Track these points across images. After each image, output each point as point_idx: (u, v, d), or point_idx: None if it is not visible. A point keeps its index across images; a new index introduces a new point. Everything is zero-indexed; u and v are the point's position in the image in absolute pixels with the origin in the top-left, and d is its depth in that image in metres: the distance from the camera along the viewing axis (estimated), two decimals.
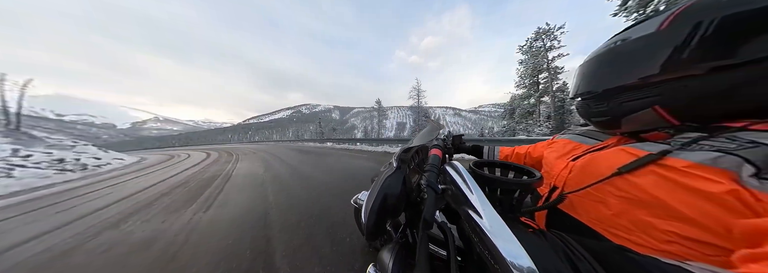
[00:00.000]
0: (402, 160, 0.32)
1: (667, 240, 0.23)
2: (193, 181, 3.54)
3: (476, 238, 0.18)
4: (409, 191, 0.31)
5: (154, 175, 4.54)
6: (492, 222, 0.17)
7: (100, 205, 2.40)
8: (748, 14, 0.19)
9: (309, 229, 1.48)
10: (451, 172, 0.25)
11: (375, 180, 0.31)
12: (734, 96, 0.22)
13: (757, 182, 0.18)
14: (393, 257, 0.26)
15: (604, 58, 0.31)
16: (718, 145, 0.21)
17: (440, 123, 0.70)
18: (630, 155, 0.27)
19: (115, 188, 3.30)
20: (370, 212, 0.25)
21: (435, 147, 0.44)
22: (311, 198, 2.17)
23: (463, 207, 0.20)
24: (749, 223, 0.17)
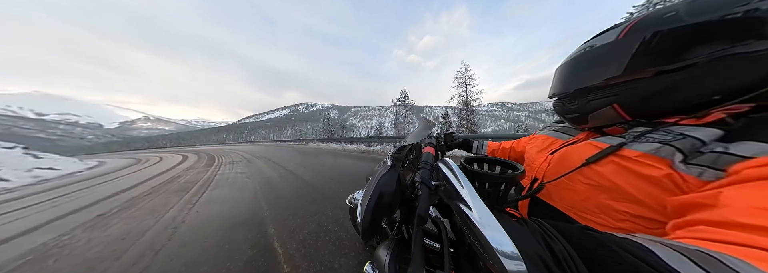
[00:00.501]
0: (396, 158, 0.33)
1: (621, 219, 0.28)
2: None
3: (467, 230, 0.19)
4: (404, 189, 0.32)
5: (56, 209, 2.55)
6: (481, 214, 0.18)
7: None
8: (680, 30, 0.25)
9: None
10: (443, 168, 0.25)
11: (370, 179, 0.31)
12: (670, 95, 0.27)
13: (684, 167, 0.23)
14: (389, 253, 0.27)
15: (575, 62, 0.35)
16: (659, 138, 0.26)
17: (432, 121, 0.70)
18: (595, 148, 0.32)
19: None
20: (366, 211, 0.25)
21: (428, 145, 0.46)
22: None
23: (455, 201, 0.21)
24: (677, 199, 0.22)
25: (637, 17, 0.29)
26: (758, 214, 0.15)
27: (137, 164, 7.66)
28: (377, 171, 0.31)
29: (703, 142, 0.23)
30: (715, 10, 0.23)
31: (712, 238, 0.16)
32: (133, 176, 4.83)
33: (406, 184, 0.33)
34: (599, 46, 0.32)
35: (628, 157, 0.27)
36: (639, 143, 0.27)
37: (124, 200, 2.71)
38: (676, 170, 0.24)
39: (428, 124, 0.62)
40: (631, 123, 0.32)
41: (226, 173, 4.37)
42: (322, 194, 2.30)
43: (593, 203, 0.31)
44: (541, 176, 0.40)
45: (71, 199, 3.04)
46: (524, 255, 0.15)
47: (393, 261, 0.26)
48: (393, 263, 0.26)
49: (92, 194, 3.26)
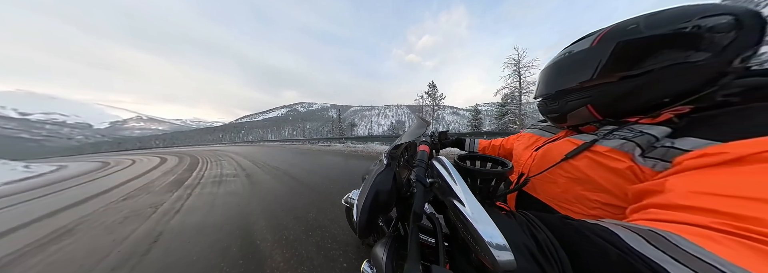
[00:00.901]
0: (392, 157, 0.34)
1: (593, 207, 0.32)
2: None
3: (460, 225, 0.20)
4: (400, 187, 0.32)
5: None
6: (473, 209, 0.19)
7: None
8: (639, 41, 0.29)
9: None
10: (437, 166, 0.26)
11: (366, 178, 0.31)
12: (632, 98, 0.32)
13: (642, 159, 0.28)
14: (386, 251, 0.27)
15: (556, 66, 0.39)
16: (623, 135, 0.30)
17: (427, 120, 0.70)
18: (572, 144, 0.36)
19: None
20: (362, 210, 0.26)
21: (423, 143, 0.47)
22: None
23: (449, 197, 0.22)
24: (635, 187, 0.25)
25: (608, 27, 0.33)
26: (693, 197, 0.19)
27: (98, 170, 6.44)
28: (373, 170, 0.31)
29: (656, 138, 0.27)
30: (667, 25, 0.27)
31: (660, 219, 0.19)
32: (65, 196, 3.38)
33: (402, 182, 0.34)
34: (576, 52, 0.36)
35: (599, 152, 0.32)
36: (608, 140, 0.31)
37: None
38: (635, 163, 0.28)
39: (423, 122, 0.63)
40: (601, 122, 0.36)
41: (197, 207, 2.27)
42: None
43: (571, 194, 0.35)
44: (527, 171, 0.44)
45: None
46: (512, 245, 0.16)
47: (390, 258, 0.26)
48: (390, 260, 0.26)
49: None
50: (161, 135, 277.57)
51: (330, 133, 43.52)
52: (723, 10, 0.25)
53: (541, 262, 0.17)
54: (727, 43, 0.25)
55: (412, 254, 0.22)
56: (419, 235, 0.26)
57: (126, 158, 11.67)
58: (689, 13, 0.26)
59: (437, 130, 0.80)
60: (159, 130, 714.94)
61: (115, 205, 2.52)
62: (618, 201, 0.29)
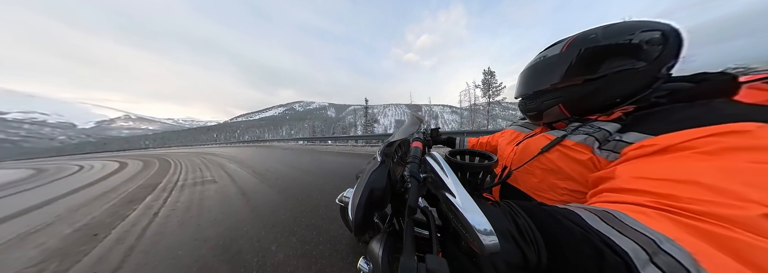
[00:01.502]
0: (386, 154, 0.35)
1: (563, 193, 0.37)
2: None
3: (452, 215, 0.22)
4: (394, 183, 0.33)
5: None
6: (464, 200, 0.21)
7: None
8: (597, 49, 0.34)
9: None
10: (430, 162, 0.27)
11: (360, 176, 0.32)
12: (593, 98, 0.36)
13: (599, 152, 0.32)
14: (382, 246, 0.28)
15: (533, 69, 0.43)
16: (586, 130, 0.35)
17: (420, 117, 0.72)
18: (547, 139, 0.40)
19: None
20: (358, 208, 0.26)
21: (416, 140, 0.50)
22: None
23: (441, 191, 0.23)
24: (594, 175, 0.30)
25: (574, 35, 0.38)
26: (633, 181, 0.23)
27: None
28: (367, 168, 0.32)
29: (610, 133, 0.32)
30: (618, 36, 0.32)
31: (611, 200, 0.23)
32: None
33: (396, 178, 0.35)
34: (549, 56, 0.40)
35: (567, 146, 0.36)
36: (574, 135, 0.36)
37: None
38: (595, 154, 0.33)
39: (416, 120, 0.65)
40: (570, 119, 0.40)
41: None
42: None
43: (546, 184, 0.39)
44: (510, 164, 0.48)
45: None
46: (497, 231, 0.18)
47: (386, 252, 0.27)
48: (386, 254, 0.27)
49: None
50: (151, 135, 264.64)
51: (316, 132, 38.63)
52: (655, 26, 0.32)
53: (521, 243, 0.20)
54: (658, 54, 0.32)
55: (407, 247, 0.23)
56: (414, 229, 0.27)
57: (87, 163, 9.58)
58: (634, 27, 0.32)
59: (429, 128, 0.82)
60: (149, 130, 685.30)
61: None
62: (582, 187, 0.34)
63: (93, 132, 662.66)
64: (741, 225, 0.16)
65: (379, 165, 0.31)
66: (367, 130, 25.44)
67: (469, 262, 0.27)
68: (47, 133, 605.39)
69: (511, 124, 0.66)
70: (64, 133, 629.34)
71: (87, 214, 2.27)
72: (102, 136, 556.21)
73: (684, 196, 0.19)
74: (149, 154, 13.20)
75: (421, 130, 0.71)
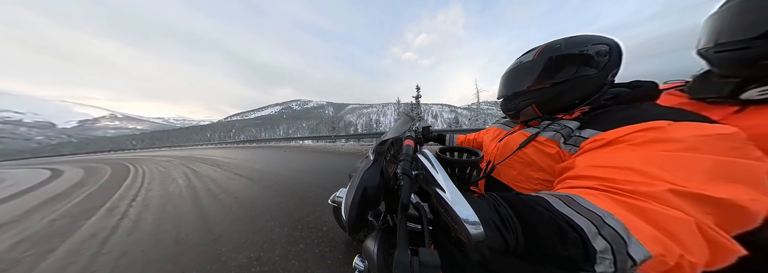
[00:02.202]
0: (378, 152, 0.35)
1: (536, 183, 0.43)
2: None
3: (442, 209, 0.23)
4: (387, 181, 0.34)
5: None
6: (453, 195, 0.22)
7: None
8: (561, 57, 0.41)
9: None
10: (422, 159, 0.28)
11: (353, 175, 0.33)
12: (559, 99, 0.43)
13: (564, 146, 0.38)
14: (377, 243, 0.28)
15: (512, 73, 0.50)
16: (554, 128, 0.41)
17: (412, 115, 0.74)
18: (524, 136, 0.46)
19: None
20: (351, 206, 0.27)
21: (408, 138, 0.53)
22: None
23: (432, 187, 0.25)
24: (559, 166, 0.35)
25: (543, 44, 0.45)
26: (588, 169, 0.29)
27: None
28: (360, 167, 0.33)
29: (572, 130, 0.39)
30: (577, 47, 0.40)
31: (571, 186, 0.28)
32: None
33: (389, 176, 0.36)
34: (525, 61, 0.47)
35: (540, 141, 0.42)
36: (545, 132, 0.43)
37: None
38: (561, 148, 0.39)
39: (408, 118, 0.67)
40: (541, 118, 0.47)
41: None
42: None
43: (523, 175, 0.46)
44: (493, 159, 0.54)
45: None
46: (482, 221, 0.21)
47: (381, 249, 0.28)
48: (381, 251, 0.28)
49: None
50: (139, 135, 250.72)
51: (312, 132, 34.52)
52: (603, 40, 0.39)
53: (502, 230, 0.22)
54: (605, 63, 0.39)
55: (401, 242, 0.24)
56: (407, 224, 0.28)
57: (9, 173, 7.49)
58: (588, 40, 0.40)
59: (421, 126, 0.85)
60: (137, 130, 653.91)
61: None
62: (551, 177, 0.40)
63: (75, 132, 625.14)
64: (654, 198, 0.21)
65: (372, 163, 0.32)
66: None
67: (458, 252, 0.30)
68: (23, 133, 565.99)
69: (494, 122, 0.73)
70: (42, 133, 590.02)
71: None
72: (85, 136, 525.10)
73: (620, 179, 0.25)
74: (120, 159, 10.26)
75: (413, 128, 0.75)
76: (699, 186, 0.21)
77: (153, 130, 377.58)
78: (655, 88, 0.38)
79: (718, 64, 0.40)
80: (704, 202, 0.21)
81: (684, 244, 0.19)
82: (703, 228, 0.20)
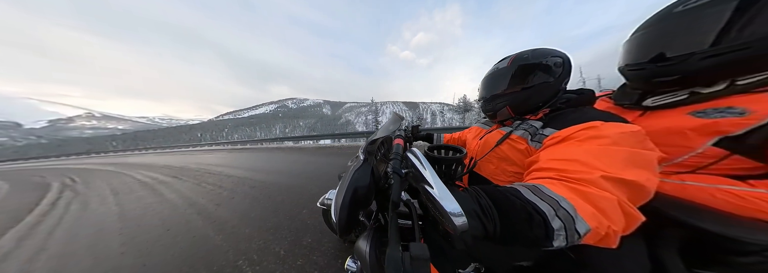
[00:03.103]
0: (369, 152, 0.37)
1: (510, 175, 0.51)
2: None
3: (430, 205, 0.26)
4: (378, 180, 0.35)
5: None
6: (440, 190, 0.25)
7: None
8: (527, 65, 0.48)
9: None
10: (411, 158, 0.30)
11: (343, 176, 0.34)
12: (527, 102, 0.51)
13: (531, 142, 0.45)
14: (369, 242, 0.30)
15: (490, 78, 0.57)
16: (524, 127, 0.49)
17: (401, 115, 0.79)
18: (500, 134, 0.54)
19: None
20: (341, 208, 0.27)
21: (398, 137, 0.56)
22: None
23: (421, 184, 0.27)
24: (527, 160, 0.41)
25: (515, 54, 0.52)
26: (548, 162, 0.34)
27: None
28: (350, 167, 0.33)
29: (537, 129, 0.46)
30: (540, 57, 0.48)
31: (536, 177, 0.33)
32: None
33: (380, 175, 0.37)
34: (500, 68, 0.53)
35: (513, 139, 0.50)
36: (517, 130, 0.50)
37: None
38: (529, 145, 0.46)
39: (397, 117, 0.70)
40: (514, 118, 0.54)
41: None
42: None
43: (499, 169, 0.53)
44: (475, 155, 0.61)
45: None
46: (466, 212, 0.23)
47: (373, 247, 0.29)
48: (373, 249, 0.29)
49: None
50: (121, 135, 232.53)
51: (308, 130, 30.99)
52: (557, 53, 0.48)
53: (483, 220, 0.25)
54: (560, 73, 0.47)
55: (392, 239, 0.25)
56: (398, 221, 0.29)
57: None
58: (548, 53, 0.48)
59: (410, 124, 0.91)
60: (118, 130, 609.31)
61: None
62: (521, 170, 0.46)
63: (46, 132, 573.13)
64: (592, 183, 0.28)
65: (362, 163, 0.32)
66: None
67: (445, 243, 0.36)
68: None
69: (476, 122, 0.82)
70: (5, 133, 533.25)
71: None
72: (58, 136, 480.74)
73: (570, 170, 0.31)
74: (73, 169, 7.32)
75: (402, 127, 0.79)
76: (619, 172, 0.28)
77: (136, 130, 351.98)
78: (593, 95, 0.48)
79: (627, 79, 0.50)
80: (622, 184, 0.28)
81: (611, 218, 0.26)
82: (621, 204, 0.26)
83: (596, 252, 0.34)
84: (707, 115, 0.37)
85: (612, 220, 0.25)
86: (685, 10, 0.37)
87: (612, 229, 0.25)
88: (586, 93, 0.48)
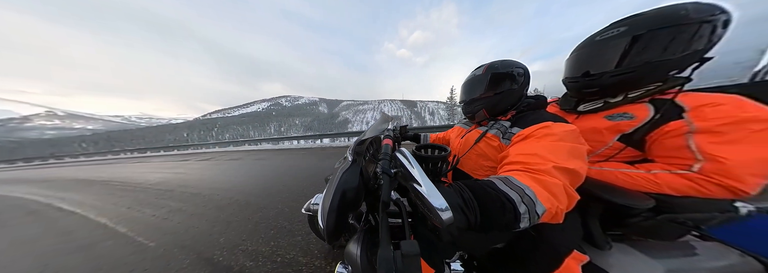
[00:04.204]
0: (357, 152, 0.37)
1: (486, 170, 0.60)
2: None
3: (419, 202, 0.27)
4: (367, 181, 0.36)
5: None
6: (427, 188, 0.26)
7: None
8: (497, 74, 0.58)
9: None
10: (400, 157, 0.31)
11: (330, 179, 0.33)
12: (498, 105, 0.59)
13: (503, 140, 0.54)
14: (360, 245, 0.30)
15: (469, 82, 0.65)
16: (497, 126, 0.58)
17: (390, 115, 0.84)
18: (478, 133, 0.62)
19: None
20: (330, 212, 0.27)
21: (387, 137, 0.59)
22: None
23: (410, 182, 0.28)
24: (499, 155, 0.49)
25: (488, 63, 0.61)
26: (515, 156, 0.41)
27: None
28: (338, 169, 0.33)
29: (507, 128, 0.54)
30: (507, 67, 0.57)
31: (507, 170, 0.39)
32: None
33: (369, 176, 0.38)
34: (477, 75, 0.61)
35: (488, 137, 0.58)
36: (492, 129, 0.59)
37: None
38: (501, 142, 0.54)
39: (386, 118, 0.75)
40: (489, 119, 0.63)
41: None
42: None
43: (477, 165, 0.62)
44: (458, 153, 0.69)
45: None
46: (451, 207, 0.25)
47: (364, 250, 0.29)
48: (365, 252, 0.29)
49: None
50: (91, 136, 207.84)
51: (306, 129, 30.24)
52: (520, 64, 0.57)
53: (466, 212, 0.28)
54: (522, 81, 0.57)
55: (383, 239, 0.25)
56: (388, 221, 0.29)
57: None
58: (513, 64, 0.58)
59: (399, 125, 0.95)
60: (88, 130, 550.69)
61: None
62: (495, 164, 0.53)
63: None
64: (547, 173, 0.34)
65: (351, 165, 0.32)
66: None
67: (433, 236, 0.39)
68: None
69: (457, 122, 0.89)
70: None
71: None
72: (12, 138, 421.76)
73: (532, 162, 0.37)
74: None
75: (390, 127, 0.84)
76: (564, 162, 0.36)
77: (110, 130, 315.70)
78: (546, 100, 0.59)
79: (567, 89, 0.65)
80: (566, 172, 0.35)
81: (559, 199, 0.32)
82: (565, 187, 0.33)
83: (549, 227, 0.43)
84: (613, 119, 0.52)
85: (560, 201, 0.32)
86: (601, 40, 0.51)
87: (560, 209, 0.32)
88: (540, 99, 0.60)
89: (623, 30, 0.48)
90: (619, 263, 0.46)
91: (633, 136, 0.49)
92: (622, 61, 0.48)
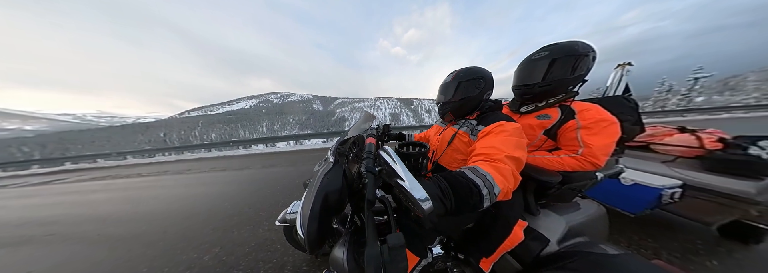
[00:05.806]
0: (340, 153, 0.39)
1: (459, 162, 0.77)
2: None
3: (403, 196, 0.29)
4: (351, 181, 0.39)
5: None
6: (410, 182, 0.28)
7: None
8: (463, 82, 0.72)
9: None
10: (384, 155, 0.33)
11: (310, 182, 0.35)
12: (465, 107, 0.75)
13: (471, 136, 0.71)
14: (346, 249, 0.31)
15: (444, 87, 0.77)
16: (467, 125, 0.73)
17: (372, 114, 0.91)
18: (452, 131, 0.76)
19: None
20: (310, 219, 0.28)
21: (370, 136, 0.63)
22: None
23: (394, 178, 0.30)
24: (469, 149, 0.66)
25: (456, 70, 0.74)
26: (481, 149, 0.53)
27: None
28: (318, 171, 0.34)
29: (474, 126, 0.69)
30: (471, 75, 0.70)
31: (475, 160, 0.49)
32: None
33: (353, 176, 0.41)
34: (448, 81, 0.74)
35: (460, 134, 0.72)
36: (462, 127, 0.72)
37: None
38: (470, 138, 0.69)
39: (368, 116, 0.83)
40: (455, 119, 0.78)
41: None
42: None
43: (452, 158, 0.76)
44: (436, 149, 0.83)
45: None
46: (431, 197, 0.28)
47: (351, 252, 0.30)
48: (351, 254, 0.30)
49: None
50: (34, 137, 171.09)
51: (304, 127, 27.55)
52: (482, 74, 0.69)
53: (443, 200, 0.32)
54: (483, 86, 0.69)
55: (370, 237, 0.25)
56: (374, 218, 0.30)
57: None
58: (477, 71, 0.70)
59: (382, 124, 1.02)
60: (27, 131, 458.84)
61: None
62: (465, 157, 0.64)
63: None
64: (501, 161, 0.45)
65: (333, 166, 0.34)
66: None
67: (416, 226, 0.48)
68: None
69: (436, 121, 1.01)
70: None
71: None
72: None
73: (491, 153, 0.48)
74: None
75: (373, 126, 0.90)
76: (512, 152, 0.47)
77: (58, 130, 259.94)
78: (501, 103, 0.75)
79: (514, 94, 0.84)
80: (513, 160, 0.46)
81: (509, 181, 0.41)
82: (513, 172, 0.43)
83: (503, 204, 0.56)
84: (540, 118, 0.74)
85: (510, 182, 0.42)
86: (533, 60, 0.73)
87: (509, 188, 0.41)
88: (498, 102, 0.74)
89: (546, 54, 0.69)
90: (544, 224, 0.62)
91: (551, 131, 0.72)
92: (546, 76, 0.71)
